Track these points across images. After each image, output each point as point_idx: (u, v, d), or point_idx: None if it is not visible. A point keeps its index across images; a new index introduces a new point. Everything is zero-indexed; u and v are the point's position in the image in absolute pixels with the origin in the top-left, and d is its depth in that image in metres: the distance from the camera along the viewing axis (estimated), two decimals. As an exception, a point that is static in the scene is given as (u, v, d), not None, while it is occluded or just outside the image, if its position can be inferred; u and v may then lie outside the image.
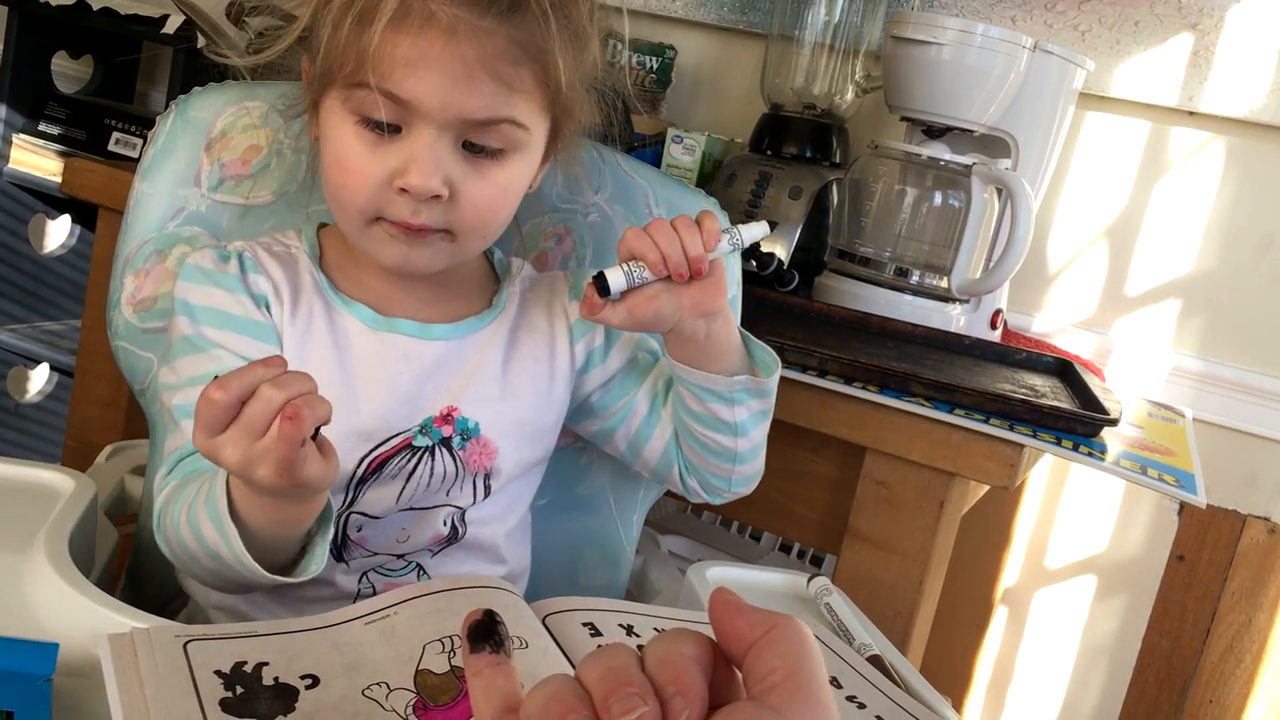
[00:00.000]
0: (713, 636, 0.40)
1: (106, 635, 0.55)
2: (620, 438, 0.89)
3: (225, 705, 0.53)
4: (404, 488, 0.79)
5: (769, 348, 0.84)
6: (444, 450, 0.80)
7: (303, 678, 0.56)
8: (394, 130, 0.72)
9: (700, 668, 0.38)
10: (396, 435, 0.79)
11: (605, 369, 0.87)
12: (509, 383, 0.83)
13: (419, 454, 0.79)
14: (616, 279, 0.76)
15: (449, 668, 0.59)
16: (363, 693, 0.56)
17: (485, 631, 0.43)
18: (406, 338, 0.80)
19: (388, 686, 0.57)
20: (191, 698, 0.52)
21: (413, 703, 0.56)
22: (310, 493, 0.65)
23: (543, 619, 0.66)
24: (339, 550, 0.80)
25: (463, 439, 0.81)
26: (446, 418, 0.80)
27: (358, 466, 0.78)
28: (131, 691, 0.52)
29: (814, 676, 0.38)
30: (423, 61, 0.70)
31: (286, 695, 0.55)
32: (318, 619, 0.61)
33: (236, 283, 0.78)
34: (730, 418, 0.83)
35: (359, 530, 0.80)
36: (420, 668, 0.59)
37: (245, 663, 0.56)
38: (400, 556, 0.81)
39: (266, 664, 0.56)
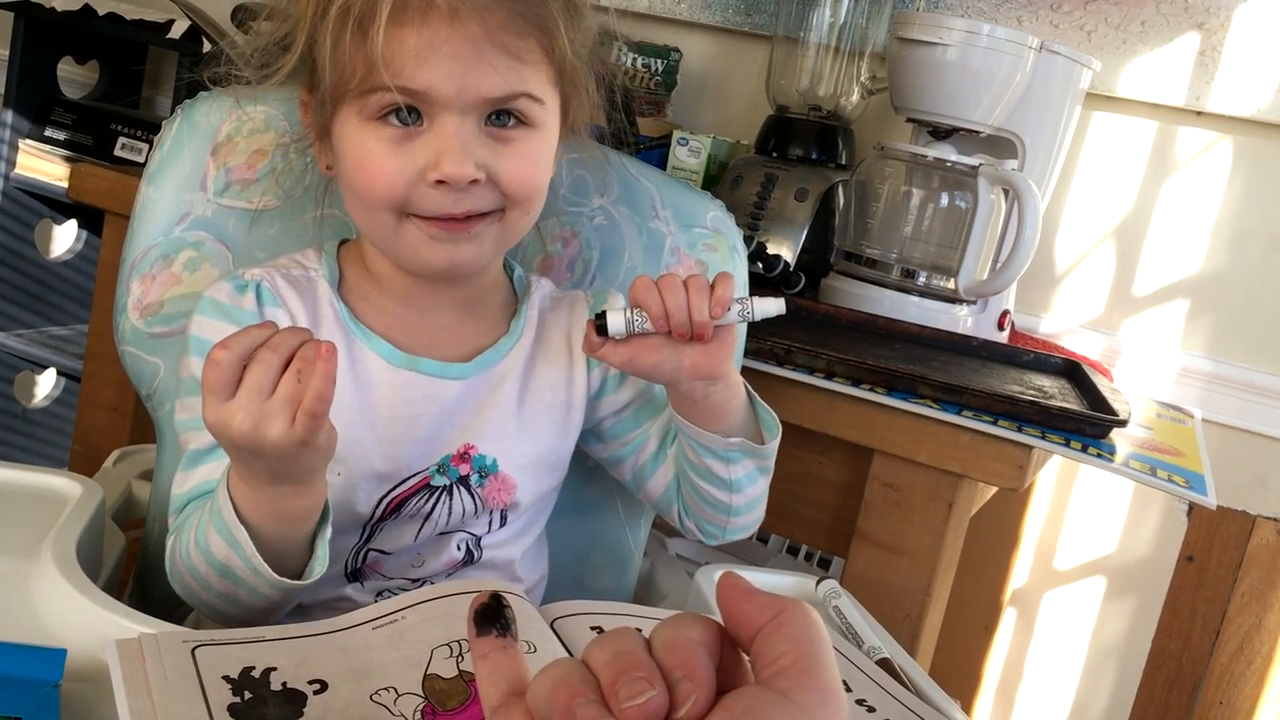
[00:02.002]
0: (720, 621, 0.40)
1: (114, 641, 0.55)
2: (627, 468, 0.89)
3: (233, 711, 0.53)
4: (421, 527, 0.79)
5: (773, 411, 0.83)
6: (462, 488, 0.79)
7: (310, 683, 0.56)
8: (416, 124, 0.72)
9: (707, 652, 0.38)
10: (414, 476, 0.78)
11: (617, 398, 0.86)
12: (526, 416, 0.82)
13: (437, 493, 0.79)
14: (616, 323, 0.74)
15: (457, 672, 0.59)
16: (370, 698, 0.56)
17: (492, 614, 0.43)
18: (427, 378, 0.79)
19: (395, 691, 0.57)
20: (200, 703, 0.52)
21: (421, 707, 0.56)
22: (312, 464, 0.65)
23: (551, 623, 0.66)
24: (354, 575, 0.80)
25: (481, 476, 0.80)
26: (464, 456, 0.79)
27: (375, 508, 0.78)
28: (140, 697, 0.52)
29: (822, 661, 0.37)
30: (431, 49, 0.69)
31: (294, 700, 0.55)
32: (325, 624, 0.61)
33: (253, 319, 0.76)
34: (726, 475, 0.82)
35: (373, 560, 0.80)
36: (428, 672, 0.58)
37: (253, 668, 0.56)
38: (415, 580, 0.81)
39: (274, 669, 0.56)
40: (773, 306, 0.75)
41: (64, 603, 0.63)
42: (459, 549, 0.81)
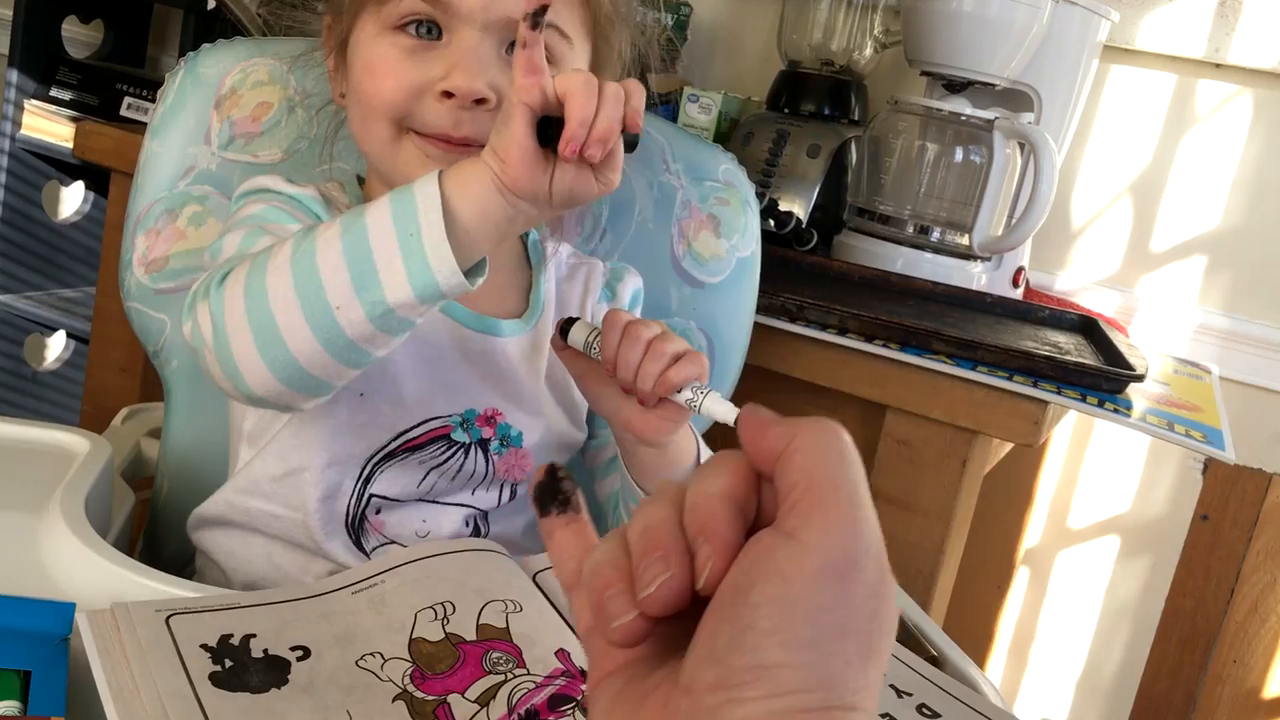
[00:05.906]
0: None
1: (84, 613, 0.53)
2: (588, 459, 0.87)
3: (215, 679, 0.51)
4: (427, 475, 0.77)
5: None
6: (479, 451, 0.77)
7: (293, 649, 0.55)
8: (435, 37, 0.70)
9: (732, 503, 0.35)
10: (433, 419, 0.76)
11: None
12: (553, 396, 0.80)
13: (455, 448, 0.77)
14: (576, 339, 0.71)
15: (443, 635, 0.58)
16: (356, 663, 0.55)
17: (551, 492, 0.42)
18: (453, 322, 0.76)
19: (382, 656, 0.56)
20: (180, 674, 0.51)
21: (410, 672, 0.55)
22: (536, 210, 0.61)
23: (533, 576, 0.65)
24: (356, 535, 0.78)
25: (502, 444, 0.78)
26: (490, 420, 0.77)
27: (391, 441, 0.75)
28: (118, 669, 0.51)
29: (836, 488, 0.34)
30: None
31: (278, 667, 0.54)
32: (302, 589, 0.60)
33: (316, 200, 0.75)
34: None
35: (377, 513, 0.77)
36: (414, 636, 0.58)
37: (231, 635, 0.55)
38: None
39: (254, 636, 0.55)
40: (722, 411, 0.65)
41: (72, 557, 0.62)
42: (466, 525, 0.79)
